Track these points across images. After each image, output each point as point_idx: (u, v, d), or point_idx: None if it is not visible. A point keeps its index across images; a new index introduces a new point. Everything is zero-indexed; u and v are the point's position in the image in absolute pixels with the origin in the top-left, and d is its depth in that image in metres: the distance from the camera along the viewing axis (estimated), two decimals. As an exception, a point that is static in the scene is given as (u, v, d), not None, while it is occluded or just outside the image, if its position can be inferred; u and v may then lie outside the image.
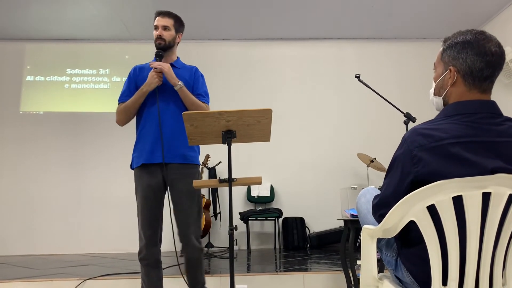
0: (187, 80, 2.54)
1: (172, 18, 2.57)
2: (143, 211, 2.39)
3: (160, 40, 2.52)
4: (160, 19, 2.54)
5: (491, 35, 1.34)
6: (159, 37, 2.52)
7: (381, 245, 1.57)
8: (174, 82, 2.41)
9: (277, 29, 6.20)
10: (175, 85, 2.41)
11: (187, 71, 2.62)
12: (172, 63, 2.59)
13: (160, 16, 2.55)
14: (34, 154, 6.03)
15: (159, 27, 2.52)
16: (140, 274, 2.43)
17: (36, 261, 4.64)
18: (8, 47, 6.33)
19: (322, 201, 5.91)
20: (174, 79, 2.41)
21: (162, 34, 2.52)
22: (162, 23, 2.52)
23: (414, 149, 1.28)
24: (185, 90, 2.43)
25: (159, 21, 2.53)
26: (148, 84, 2.42)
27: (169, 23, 2.54)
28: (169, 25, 2.54)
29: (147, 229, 2.37)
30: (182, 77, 2.50)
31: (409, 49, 6.50)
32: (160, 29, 2.52)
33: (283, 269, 3.61)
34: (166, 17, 2.55)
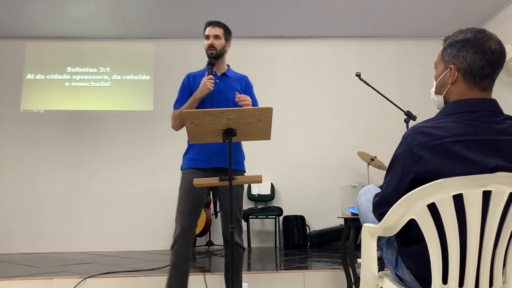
0: (238, 89, 2.62)
1: (222, 27, 2.63)
2: (183, 204, 2.44)
3: (212, 49, 2.57)
4: (211, 28, 2.60)
5: (491, 33, 1.34)
6: (211, 46, 2.57)
7: (382, 243, 1.57)
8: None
9: (277, 28, 6.19)
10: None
11: (238, 80, 2.68)
12: (224, 72, 2.66)
13: (211, 26, 2.61)
14: (35, 152, 6.03)
15: (210, 37, 2.58)
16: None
17: (37, 259, 4.65)
18: (8, 45, 6.33)
19: (322, 199, 5.91)
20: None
21: (213, 43, 2.57)
22: (213, 33, 2.58)
23: (414, 148, 1.28)
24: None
25: (210, 30, 2.59)
26: (200, 90, 2.47)
27: (219, 32, 2.60)
28: (219, 34, 2.60)
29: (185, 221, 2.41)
30: (232, 87, 2.59)
31: (410, 47, 6.49)
32: (212, 38, 2.58)
33: (283, 267, 3.62)
34: (217, 26, 2.61)
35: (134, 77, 6.38)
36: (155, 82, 6.36)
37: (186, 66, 6.37)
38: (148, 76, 6.39)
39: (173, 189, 5.91)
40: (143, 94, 6.33)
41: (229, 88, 2.58)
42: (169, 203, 5.88)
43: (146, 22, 6.02)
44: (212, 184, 2.16)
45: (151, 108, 6.28)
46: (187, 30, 6.21)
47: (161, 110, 6.23)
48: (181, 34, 6.30)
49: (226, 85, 2.59)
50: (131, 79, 6.38)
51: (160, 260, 4.27)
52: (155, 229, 5.84)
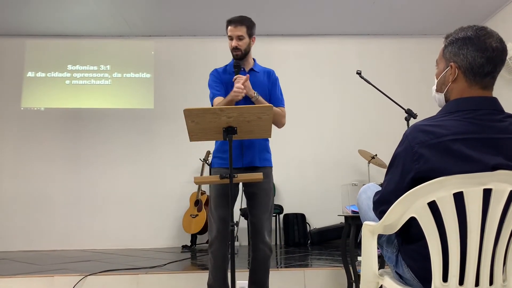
0: (266, 83, 2.59)
1: (244, 25, 2.51)
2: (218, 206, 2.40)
3: (237, 51, 2.49)
4: (233, 29, 2.49)
5: (492, 30, 1.33)
6: (236, 48, 2.49)
7: (382, 241, 1.57)
8: (251, 94, 2.40)
9: (278, 25, 6.18)
10: (251, 97, 2.41)
11: (266, 74, 2.64)
12: (251, 68, 2.61)
13: (232, 25, 2.49)
14: (35, 150, 6.04)
15: (234, 38, 2.48)
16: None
17: (38, 257, 4.66)
18: (8, 43, 6.32)
19: (323, 197, 5.90)
20: (251, 91, 2.40)
21: (238, 44, 2.48)
22: (236, 33, 2.48)
23: (415, 146, 1.28)
24: (261, 100, 2.44)
25: (233, 31, 2.48)
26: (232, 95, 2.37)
27: (242, 32, 2.49)
28: (242, 34, 2.49)
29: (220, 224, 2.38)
30: (261, 82, 2.55)
31: (411, 45, 6.48)
32: (235, 40, 2.48)
33: (284, 265, 3.62)
34: (239, 25, 2.49)
35: (134, 75, 6.38)
36: (155, 80, 6.36)
37: (186, 63, 6.41)
38: (149, 74, 6.38)
39: (173, 186, 5.94)
40: (144, 92, 6.33)
41: (257, 83, 2.51)
42: (169, 201, 5.93)
43: (146, 20, 6.01)
44: (213, 182, 2.16)
45: (152, 106, 6.28)
46: (188, 28, 6.20)
47: (162, 108, 6.24)
48: (182, 32, 6.29)
49: (255, 81, 2.51)
50: (131, 77, 6.37)
51: (161, 258, 4.28)
52: (156, 227, 5.85)
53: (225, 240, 2.38)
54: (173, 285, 3.10)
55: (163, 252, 4.97)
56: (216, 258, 2.39)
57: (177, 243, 5.79)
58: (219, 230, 2.36)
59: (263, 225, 2.41)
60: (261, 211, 2.43)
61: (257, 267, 2.43)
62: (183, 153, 5.94)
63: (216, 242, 2.37)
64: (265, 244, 2.40)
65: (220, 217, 2.36)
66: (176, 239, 5.83)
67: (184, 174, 5.91)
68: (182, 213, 5.68)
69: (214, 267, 2.40)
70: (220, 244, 2.37)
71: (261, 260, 2.42)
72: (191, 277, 3.13)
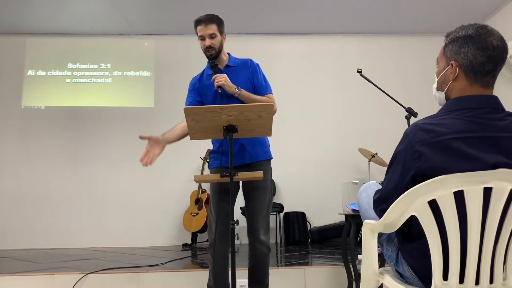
0: (246, 74, 2.51)
1: (214, 23, 2.43)
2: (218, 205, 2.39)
3: (211, 50, 2.42)
4: (203, 28, 2.41)
5: (493, 29, 1.33)
6: (209, 48, 2.42)
7: (382, 239, 1.57)
8: (232, 91, 2.36)
9: (278, 24, 6.18)
10: (234, 93, 2.37)
11: (244, 66, 2.55)
12: (227, 64, 2.53)
13: (202, 24, 2.42)
14: (36, 148, 6.04)
15: (205, 37, 2.41)
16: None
17: (38, 255, 4.67)
18: (9, 41, 6.32)
19: (323, 196, 5.91)
20: (232, 88, 2.36)
21: (211, 43, 2.41)
22: (208, 32, 2.41)
23: (415, 144, 1.28)
24: (245, 93, 2.39)
25: (203, 30, 2.41)
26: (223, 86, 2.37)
27: (213, 29, 2.41)
28: (214, 32, 2.42)
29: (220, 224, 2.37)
30: (240, 74, 2.48)
31: (411, 43, 6.47)
32: (208, 39, 2.41)
33: (284, 263, 3.62)
34: (209, 23, 2.41)
35: (135, 73, 6.38)
36: (156, 78, 6.36)
37: (186, 62, 6.40)
38: (149, 73, 6.38)
39: (174, 184, 5.94)
40: (144, 91, 6.33)
41: (237, 77, 2.45)
42: (170, 199, 5.94)
43: (146, 19, 6.01)
44: (213, 180, 2.16)
45: (152, 105, 6.28)
46: (188, 27, 6.13)
47: (162, 106, 6.24)
48: (182, 31, 6.29)
49: (233, 76, 2.43)
50: (131, 75, 6.37)
51: (161, 256, 4.29)
52: (156, 225, 5.86)
53: (225, 239, 2.37)
54: (173, 283, 3.10)
55: (164, 251, 4.98)
56: (216, 258, 2.38)
57: (177, 241, 5.80)
58: (219, 230, 2.35)
59: (259, 224, 2.39)
60: (257, 209, 2.41)
61: (255, 265, 2.42)
62: (183, 152, 5.93)
63: (216, 242, 2.35)
64: (261, 242, 2.38)
65: (220, 216, 2.36)
66: (176, 238, 5.83)
67: (185, 172, 5.91)
68: (182, 212, 5.69)
69: (214, 267, 2.39)
70: (221, 244, 2.36)
71: (258, 258, 2.41)
72: (191, 276, 3.13)
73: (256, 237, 2.39)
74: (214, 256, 2.37)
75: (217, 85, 2.33)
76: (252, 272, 2.45)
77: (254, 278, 2.44)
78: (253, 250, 2.41)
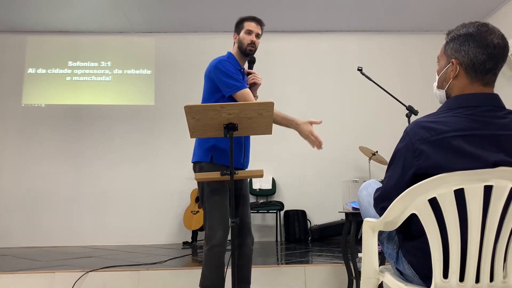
0: None
1: (263, 27, 2.55)
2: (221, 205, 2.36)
3: (254, 47, 2.50)
4: (256, 26, 2.50)
5: (494, 27, 1.33)
6: (254, 44, 2.49)
7: (382, 238, 1.57)
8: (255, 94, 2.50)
9: (279, 22, 6.17)
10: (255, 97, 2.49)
11: None
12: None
13: (256, 22, 2.51)
14: (36, 146, 6.04)
15: (253, 33, 2.48)
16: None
17: (39, 253, 4.67)
18: (9, 39, 6.32)
19: (323, 194, 5.91)
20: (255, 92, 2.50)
21: (256, 42, 2.50)
22: (258, 31, 2.50)
23: (416, 142, 1.28)
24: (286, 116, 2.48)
25: (255, 27, 2.49)
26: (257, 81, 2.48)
27: (261, 32, 2.53)
28: (260, 34, 2.53)
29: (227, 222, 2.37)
30: None
31: (412, 42, 6.46)
32: (254, 36, 2.48)
33: (284, 261, 3.63)
34: (261, 25, 2.53)
35: (135, 71, 6.38)
36: (156, 76, 6.36)
37: (187, 60, 6.40)
38: (149, 71, 6.38)
39: (174, 183, 5.94)
40: (144, 89, 6.33)
41: None
42: (170, 197, 5.94)
43: (147, 16, 6.00)
44: (213, 178, 2.16)
45: (152, 103, 6.28)
46: (188, 25, 6.20)
47: (163, 104, 6.24)
48: (182, 29, 6.29)
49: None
50: (132, 73, 6.37)
51: (162, 254, 4.29)
52: (157, 223, 5.86)
53: (226, 238, 2.38)
54: (173, 281, 3.11)
55: (164, 249, 4.98)
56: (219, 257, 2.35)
57: (178, 239, 5.80)
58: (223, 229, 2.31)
59: (249, 222, 2.48)
60: (247, 208, 2.50)
61: (244, 263, 2.42)
62: (184, 150, 5.92)
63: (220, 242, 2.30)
64: (251, 239, 2.47)
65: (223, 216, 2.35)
66: (177, 236, 5.84)
67: (185, 170, 5.91)
68: (183, 210, 5.69)
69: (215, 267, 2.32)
70: (225, 243, 2.36)
71: (248, 255, 2.44)
72: (192, 274, 3.14)
73: (247, 234, 2.44)
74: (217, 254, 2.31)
75: (254, 82, 2.44)
76: (240, 270, 2.41)
77: (241, 276, 2.43)
78: (243, 247, 2.42)
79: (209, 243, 2.28)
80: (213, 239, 2.27)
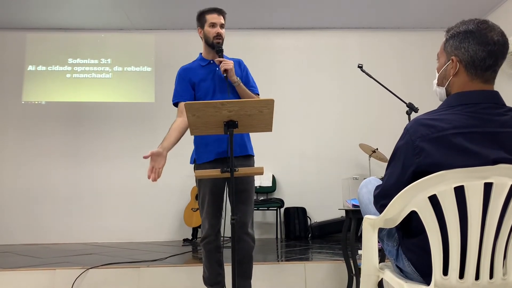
0: (240, 73, 2.57)
1: (224, 16, 2.56)
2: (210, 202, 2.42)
3: (219, 38, 2.50)
4: (217, 16, 2.51)
5: (494, 24, 1.32)
6: (219, 36, 2.50)
7: (382, 235, 1.57)
8: (234, 79, 2.45)
9: (278, 18, 6.16)
10: (234, 82, 2.45)
11: (236, 64, 2.61)
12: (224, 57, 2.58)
13: (216, 13, 2.52)
14: (36, 143, 6.04)
15: (217, 25, 2.50)
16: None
17: (39, 250, 4.68)
18: (9, 36, 6.31)
19: (323, 191, 5.91)
20: (234, 76, 2.45)
21: (222, 33, 2.50)
22: (221, 21, 2.52)
23: (416, 140, 1.28)
24: (242, 86, 2.48)
25: (217, 18, 2.51)
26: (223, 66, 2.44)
27: (223, 21, 2.54)
28: (224, 23, 2.54)
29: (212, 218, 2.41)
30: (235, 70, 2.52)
31: (412, 39, 6.45)
32: (219, 27, 2.50)
33: (284, 258, 3.63)
34: (222, 14, 2.54)
35: (135, 68, 6.37)
36: (156, 73, 6.35)
37: (187, 57, 6.35)
38: (150, 68, 6.37)
39: (174, 180, 5.95)
40: (145, 86, 6.32)
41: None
42: (170, 194, 5.94)
43: (147, 14, 5.99)
44: (213, 176, 2.16)
45: (153, 100, 6.28)
46: (189, 22, 6.16)
47: (163, 101, 6.22)
48: (183, 25, 6.27)
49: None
50: (132, 70, 6.36)
51: (162, 251, 4.30)
52: (157, 220, 5.87)
53: (218, 233, 2.45)
54: (174, 278, 3.11)
55: (164, 246, 4.99)
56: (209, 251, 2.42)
57: (178, 236, 5.81)
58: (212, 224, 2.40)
59: (249, 218, 2.44)
60: (247, 204, 2.45)
61: (242, 258, 2.43)
62: (184, 147, 5.92)
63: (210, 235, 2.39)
64: (249, 235, 2.43)
65: (214, 211, 2.40)
66: (177, 233, 5.85)
67: (185, 168, 5.89)
68: (183, 207, 5.70)
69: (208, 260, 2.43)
70: (215, 236, 2.41)
71: (245, 251, 2.43)
72: (192, 271, 3.14)
73: (244, 230, 2.42)
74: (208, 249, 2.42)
75: (225, 68, 2.40)
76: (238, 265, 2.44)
77: (241, 272, 2.44)
78: (240, 243, 2.42)
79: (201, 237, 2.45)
80: (203, 232, 2.43)
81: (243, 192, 2.44)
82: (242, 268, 2.44)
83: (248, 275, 2.48)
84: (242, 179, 2.44)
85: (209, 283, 2.45)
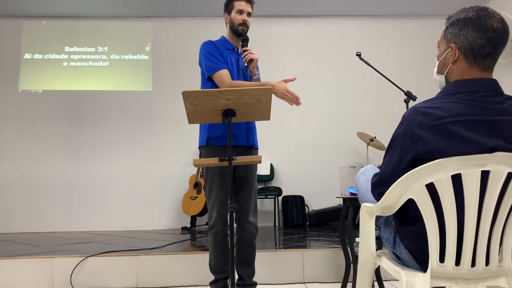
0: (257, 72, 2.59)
1: (252, 5, 2.53)
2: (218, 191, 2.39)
3: (245, 26, 2.49)
4: (246, 4, 2.48)
5: (494, 11, 1.32)
6: (245, 23, 2.48)
7: (380, 222, 1.58)
8: (254, 72, 2.47)
9: (277, 6, 6.11)
10: (254, 75, 2.46)
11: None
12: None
13: (246, 1, 2.49)
14: (34, 132, 6.03)
15: (244, 12, 2.47)
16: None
17: (38, 239, 4.69)
18: (5, 24, 6.25)
19: (321, 179, 5.93)
20: (255, 69, 2.47)
21: (248, 20, 2.49)
22: (249, 9, 2.49)
23: (414, 128, 1.28)
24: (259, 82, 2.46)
25: (245, 6, 2.48)
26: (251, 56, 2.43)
27: (251, 10, 2.51)
28: (251, 12, 2.51)
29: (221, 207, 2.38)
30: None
31: (412, 27, 6.42)
32: (245, 15, 2.48)
33: (282, 246, 3.65)
34: (250, 4, 2.50)
35: (132, 56, 6.33)
36: (153, 62, 6.31)
37: (185, 45, 6.35)
38: (147, 56, 6.33)
39: (172, 168, 5.95)
40: (142, 74, 6.29)
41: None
42: (169, 183, 5.95)
43: (144, 1, 5.93)
44: (212, 164, 2.16)
45: (150, 88, 6.25)
46: (186, 9, 6.13)
47: (160, 90, 6.21)
48: (180, 13, 6.22)
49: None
50: (129, 58, 6.32)
51: (161, 239, 4.32)
52: (156, 209, 5.89)
53: (226, 222, 2.41)
54: (172, 266, 3.13)
55: (163, 234, 5.01)
56: (217, 240, 2.40)
57: (176, 224, 5.84)
58: (221, 213, 2.37)
59: (250, 206, 2.43)
60: (250, 192, 2.44)
61: (243, 247, 2.44)
62: (182, 136, 5.93)
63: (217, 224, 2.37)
64: (250, 223, 2.42)
65: (220, 199, 2.38)
66: (175, 221, 5.87)
67: (183, 156, 5.92)
68: (181, 195, 5.71)
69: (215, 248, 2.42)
70: (223, 225, 2.39)
71: (247, 239, 2.43)
72: (190, 258, 3.16)
73: (247, 219, 2.42)
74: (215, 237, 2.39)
75: (250, 58, 2.39)
76: (240, 253, 2.46)
77: (242, 260, 2.46)
78: (241, 231, 2.43)
79: (208, 225, 2.43)
80: (210, 220, 2.41)
81: (247, 180, 2.43)
82: (244, 255, 2.46)
83: (249, 262, 2.48)
84: (247, 167, 2.44)
85: (215, 270, 2.44)
